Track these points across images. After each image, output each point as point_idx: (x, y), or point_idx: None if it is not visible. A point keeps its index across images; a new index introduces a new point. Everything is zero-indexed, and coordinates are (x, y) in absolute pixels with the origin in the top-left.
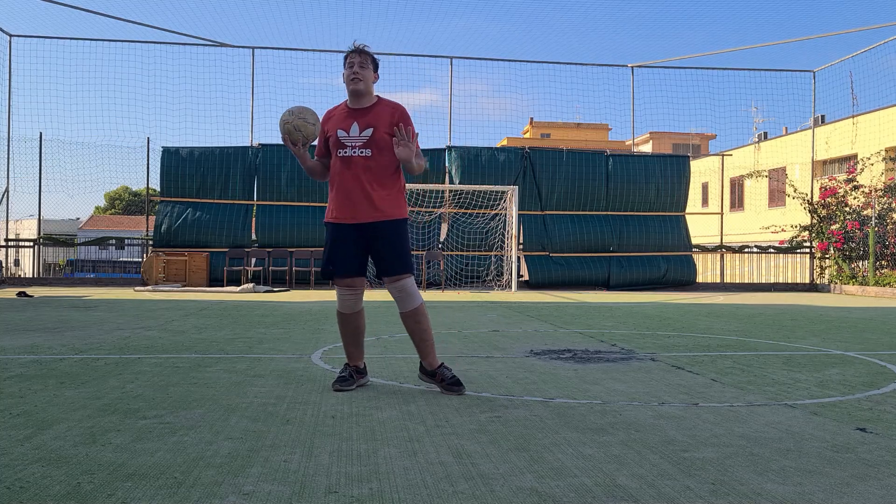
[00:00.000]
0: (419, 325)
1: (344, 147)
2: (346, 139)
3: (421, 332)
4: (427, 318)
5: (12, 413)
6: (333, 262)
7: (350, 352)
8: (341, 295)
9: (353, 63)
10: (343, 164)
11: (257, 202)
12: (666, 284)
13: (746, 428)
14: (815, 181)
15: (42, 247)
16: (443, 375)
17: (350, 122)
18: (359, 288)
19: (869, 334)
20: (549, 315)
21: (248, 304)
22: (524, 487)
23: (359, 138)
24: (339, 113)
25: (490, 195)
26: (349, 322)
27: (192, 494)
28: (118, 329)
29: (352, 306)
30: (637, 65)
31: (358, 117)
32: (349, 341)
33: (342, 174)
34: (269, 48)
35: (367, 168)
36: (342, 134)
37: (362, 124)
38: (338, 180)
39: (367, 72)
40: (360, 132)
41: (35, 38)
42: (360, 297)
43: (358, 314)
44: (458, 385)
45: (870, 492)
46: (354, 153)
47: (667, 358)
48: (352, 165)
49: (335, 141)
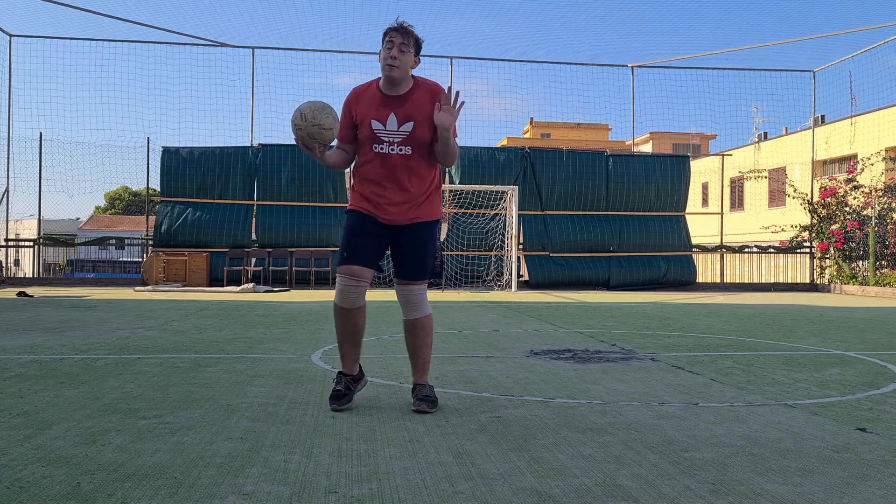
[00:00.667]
0: (416, 337)
1: (381, 143)
2: (382, 133)
3: (415, 345)
4: (429, 334)
5: (12, 413)
6: (348, 248)
7: (346, 354)
8: (344, 286)
9: (393, 44)
10: (379, 161)
11: (257, 202)
12: (666, 284)
13: (746, 428)
14: (815, 181)
15: (42, 247)
16: (419, 391)
17: (386, 113)
18: (366, 281)
19: (869, 334)
20: (549, 315)
21: (248, 304)
22: (524, 487)
23: (397, 133)
24: (371, 96)
25: (490, 195)
26: (349, 319)
27: (192, 494)
28: (118, 329)
29: (353, 301)
30: (637, 65)
31: (395, 107)
32: (347, 341)
33: (377, 170)
34: (269, 48)
35: (407, 168)
36: (378, 127)
37: (401, 116)
38: (371, 175)
39: (407, 56)
40: (399, 126)
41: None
42: (363, 291)
43: (359, 311)
44: (431, 402)
45: (870, 492)
46: (393, 150)
47: (667, 358)
48: (389, 163)
49: (369, 134)
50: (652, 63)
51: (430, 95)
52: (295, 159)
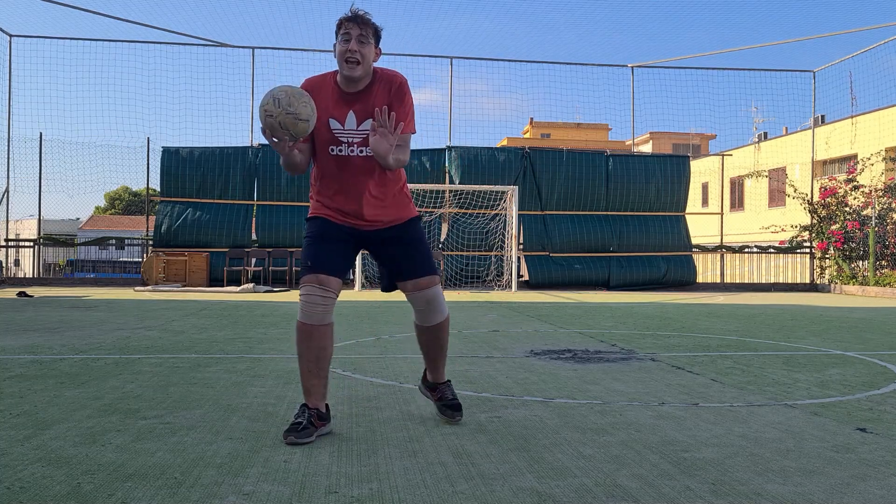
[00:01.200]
0: (438, 339)
1: (338, 144)
2: (340, 133)
3: (440, 348)
4: (448, 332)
5: (12, 413)
6: (313, 255)
7: (310, 385)
8: (310, 298)
9: (350, 36)
10: (337, 165)
11: (257, 202)
12: (666, 284)
13: (746, 428)
14: (815, 181)
15: (42, 247)
16: (442, 394)
17: (344, 111)
18: (334, 292)
19: (869, 334)
20: (549, 315)
21: (248, 304)
22: (524, 487)
23: (356, 133)
24: (327, 91)
25: (490, 195)
26: (313, 339)
27: (192, 494)
28: (118, 329)
29: (321, 316)
30: (637, 65)
31: (354, 103)
32: (310, 368)
33: (336, 176)
34: (269, 48)
35: (369, 170)
36: (335, 126)
37: (360, 114)
38: (330, 183)
39: (367, 49)
40: (359, 125)
41: (35, 38)
42: (332, 304)
43: (325, 329)
44: (457, 410)
45: (870, 492)
46: (353, 152)
47: (667, 358)
48: (349, 167)
49: (327, 136)
50: (652, 63)
51: (387, 87)
52: None
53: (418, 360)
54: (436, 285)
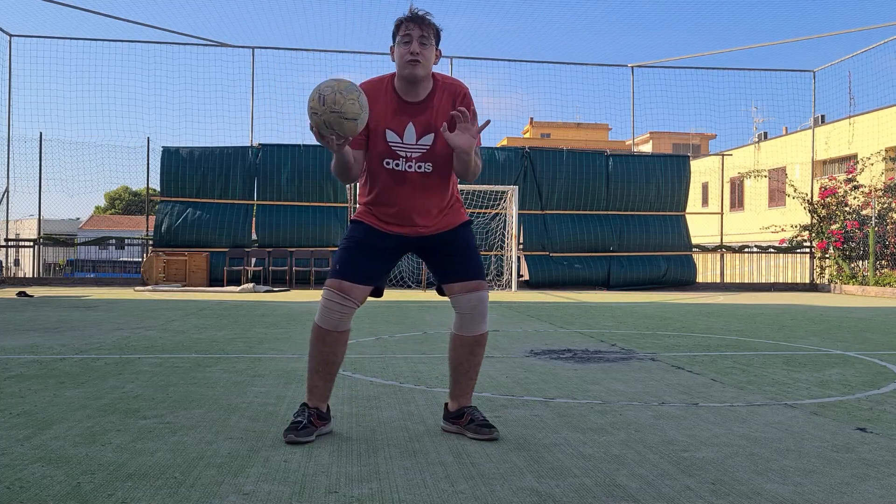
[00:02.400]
0: (474, 355)
1: (395, 157)
2: (398, 147)
3: (472, 364)
4: (485, 349)
5: (12, 413)
6: (343, 261)
7: (315, 386)
8: (328, 301)
9: (411, 37)
10: (392, 179)
11: (257, 202)
12: (666, 284)
13: (746, 428)
14: (815, 181)
15: (42, 247)
16: (472, 416)
17: (404, 122)
18: (355, 301)
19: (869, 334)
20: (549, 315)
21: (248, 304)
22: (524, 487)
23: (416, 147)
24: (385, 100)
25: (490, 195)
26: (327, 344)
27: (192, 494)
28: (118, 329)
29: (337, 322)
30: (637, 65)
31: (414, 115)
32: (317, 369)
33: (389, 189)
34: (269, 48)
35: (426, 187)
36: (393, 139)
37: (420, 127)
38: (383, 194)
39: (429, 51)
40: (418, 139)
41: (35, 38)
42: (351, 313)
43: (341, 336)
44: (493, 427)
45: (870, 492)
46: (409, 168)
47: (667, 358)
48: (405, 183)
49: (382, 147)
50: (652, 63)
51: (450, 97)
52: (295, 159)
53: (418, 360)
54: (484, 290)
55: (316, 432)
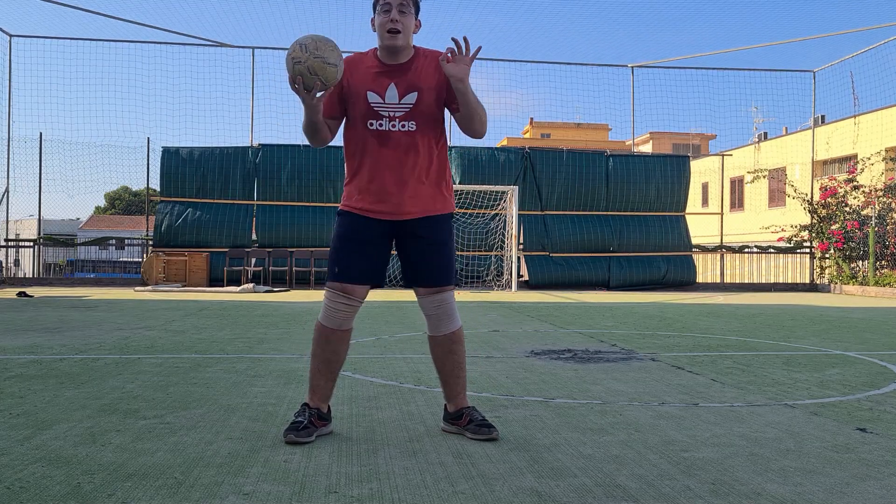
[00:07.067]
0: (453, 353)
1: (379, 118)
2: (381, 107)
3: (454, 364)
4: (463, 346)
5: (12, 413)
6: (340, 261)
7: (316, 384)
8: (332, 302)
9: (391, 6)
10: (377, 141)
11: (257, 202)
12: (666, 285)
13: (746, 428)
14: (816, 181)
15: (42, 247)
16: (471, 416)
17: (385, 83)
18: (359, 300)
19: (869, 334)
20: (549, 315)
21: (248, 304)
22: (524, 487)
23: (398, 106)
24: (367, 65)
25: (490, 195)
26: (330, 343)
27: (192, 494)
28: (118, 329)
29: (342, 321)
30: (637, 65)
31: (396, 76)
32: (320, 368)
33: (375, 154)
34: (269, 48)
35: (411, 147)
36: (375, 99)
37: (402, 87)
38: (368, 161)
39: (408, 19)
40: (401, 97)
41: (35, 38)
42: (354, 312)
43: (344, 335)
44: (492, 427)
45: (870, 492)
46: (394, 127)
47: (667, 358)
48: (390, 143)
49: (365, 108)
50: (652, 63)
51: (436, 62)
52: (295, 159)
53: (418, 360)
54: (448, 291)
55: (316, 433)
